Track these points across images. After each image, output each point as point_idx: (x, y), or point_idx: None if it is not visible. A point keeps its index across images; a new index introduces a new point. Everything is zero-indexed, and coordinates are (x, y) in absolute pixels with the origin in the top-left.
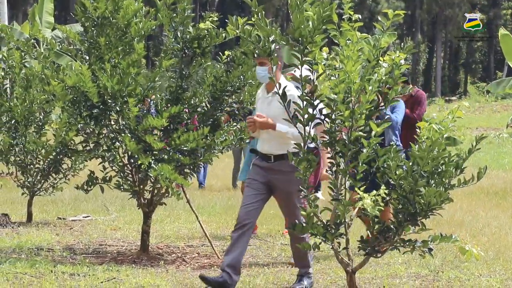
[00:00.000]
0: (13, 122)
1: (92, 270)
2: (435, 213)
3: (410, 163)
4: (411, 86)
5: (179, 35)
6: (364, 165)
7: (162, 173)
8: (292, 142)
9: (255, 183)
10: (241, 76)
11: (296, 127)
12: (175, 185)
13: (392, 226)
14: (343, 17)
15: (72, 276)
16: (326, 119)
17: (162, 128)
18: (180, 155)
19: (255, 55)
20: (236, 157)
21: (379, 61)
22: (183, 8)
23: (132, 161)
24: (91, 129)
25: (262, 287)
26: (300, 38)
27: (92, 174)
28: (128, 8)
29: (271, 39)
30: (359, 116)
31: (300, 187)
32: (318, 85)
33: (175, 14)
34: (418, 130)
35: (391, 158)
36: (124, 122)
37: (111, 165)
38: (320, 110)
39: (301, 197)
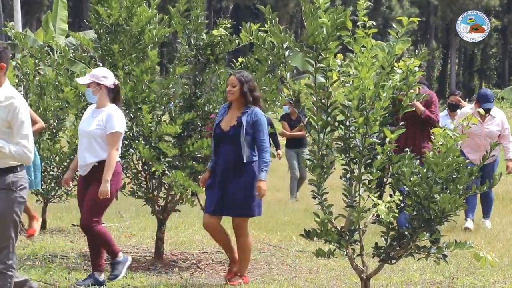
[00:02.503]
0: None
1: (106, 277)
2: (450, 219)
3: (425, 170)
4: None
5: (192, 42)
6: (378, 171)
7: (176, 180)
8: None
9: None
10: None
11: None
12: None
13: (406, 233)
14: (357, 23)
15: None
16: (341, 125)
17: (176, 135)
18: (193, 162)
19: None
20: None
21: (394, 68)
22: (197, 15)
23: (146, 168)
24: None
25: None
26: (314, 45)
27: None
28: (142, 15)
29: (285, 45)
30: (373, 122)
31: (314, 193)
32: (332, 91)
33: (188, 21)
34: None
35: (406, 165)
36: (138, 129)
37: (125, 172)
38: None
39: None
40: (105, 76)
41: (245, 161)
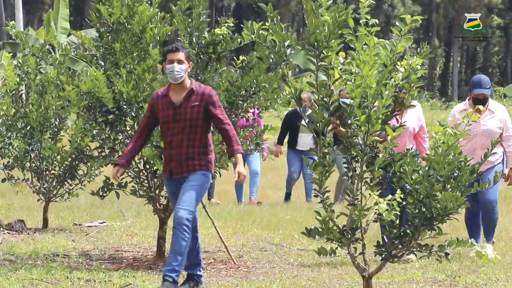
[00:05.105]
0: (28, 128)
1: (108, 276)
2: (452, 217)
3: (426, 168)
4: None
5: (194, 40)
6: (380, 170)
7: None
8: None
9: None
10: (254, 81)
11: None
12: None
13: (408, 231)
14: (359, 21)
15: (88, 282)
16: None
17: None
18: None
19: None
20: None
21: (396, 66)
22: (198, 14)
23: (148, 166)
24: (106, 135)
25: None
26: (315, 43)
27: (107, 180)
28: (143, 14)
29: (286, 44)
30: (375, 121)
31: (316, 192)
32: (334, 89)
33: (190, 20)
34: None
35: (407, 163)
36: None
37: (126, 171)
38: None
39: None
40: None
41: None
